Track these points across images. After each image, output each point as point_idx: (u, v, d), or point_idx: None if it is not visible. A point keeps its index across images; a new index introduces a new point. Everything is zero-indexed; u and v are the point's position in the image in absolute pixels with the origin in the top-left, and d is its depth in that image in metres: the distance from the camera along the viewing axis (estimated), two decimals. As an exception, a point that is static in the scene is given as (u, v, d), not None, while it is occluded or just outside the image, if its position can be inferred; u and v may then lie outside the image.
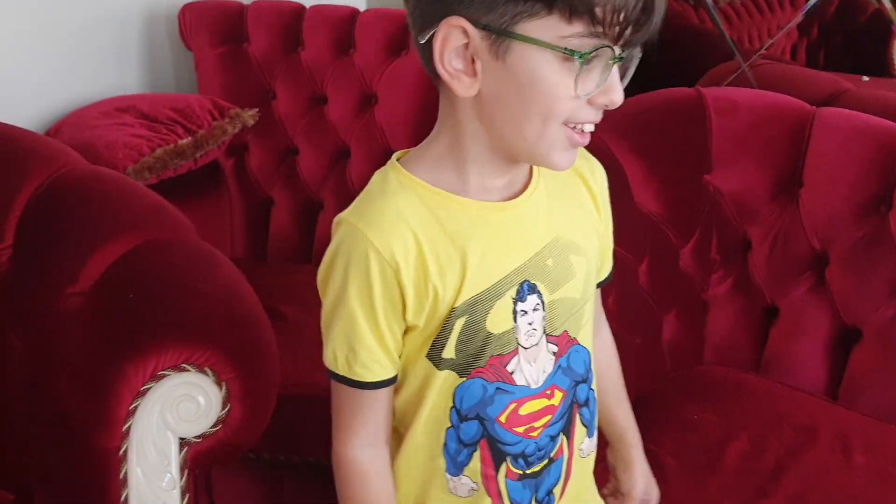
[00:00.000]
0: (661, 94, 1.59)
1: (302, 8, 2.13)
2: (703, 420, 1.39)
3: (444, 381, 0.82)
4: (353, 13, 2.11)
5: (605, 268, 0.95)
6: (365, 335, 0.80)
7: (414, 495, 0.88)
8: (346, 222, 0.80)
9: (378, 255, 0.78)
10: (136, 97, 1.99)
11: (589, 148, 0.84)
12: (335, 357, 0.82)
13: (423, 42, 0.76)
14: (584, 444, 0.91)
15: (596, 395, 0.92)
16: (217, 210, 2.07)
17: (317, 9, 2.12)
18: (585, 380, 0.89)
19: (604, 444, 1.02)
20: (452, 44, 0.74)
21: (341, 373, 0.83)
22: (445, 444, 0.84)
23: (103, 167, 1.43)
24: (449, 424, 0.84)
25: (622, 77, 0.77)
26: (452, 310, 0.80)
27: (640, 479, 1.02)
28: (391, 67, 2.06)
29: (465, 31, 0.74)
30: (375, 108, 2.08)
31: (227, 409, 1.10)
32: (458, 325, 0.80)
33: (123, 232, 1.24)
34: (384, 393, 0.84)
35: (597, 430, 0.94)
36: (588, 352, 0.89)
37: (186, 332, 1.11)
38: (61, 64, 1.94)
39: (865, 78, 2.65)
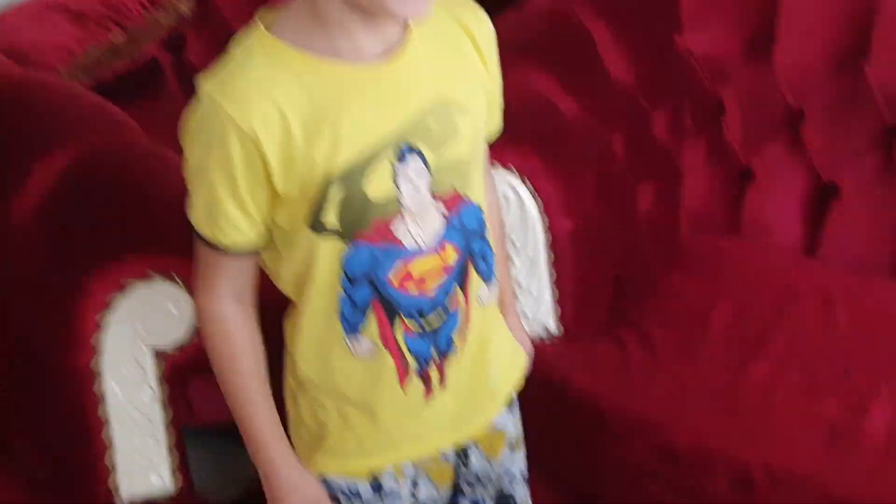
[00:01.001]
0: (624, -48, 1.51)
1: None
2: (686, 289, 1.38)
3: (331, 249, 0.81)
4: None
5: (494, 123, 0.92)
6: (227, 206, 0.79)
7: (315, 361, 0.87)
8: (207, 95, 0.78)
9: (237, 129, 0.76)
10: (61, -6, 1.85)
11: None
12: (198, 217, 0.82)
13: None
14: (483, 293, 0.90)
15: (492, 244, 0.90)
16: (160, 111, 1.95)
17: None
18: (480, 234, 0.88)
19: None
20: None
21: (203, 232, 0.82)
22: (340, 310, 0.84)
23: (34, 71, 1.33)
24: (341, 290, 0.83)
25: None
26: (328, 177, 0.78)
27: (515, 335, 1.01)
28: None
29: None
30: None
31: (201, 317, 1.05)
32: (336, 191, 0.79)
33: (68, 138, 1.16)
34: (247, 260, 0.84)
35: (495, 278, 0.92)
36: (480, 207, 0.87)
37: (147, 239, 1.05)
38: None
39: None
